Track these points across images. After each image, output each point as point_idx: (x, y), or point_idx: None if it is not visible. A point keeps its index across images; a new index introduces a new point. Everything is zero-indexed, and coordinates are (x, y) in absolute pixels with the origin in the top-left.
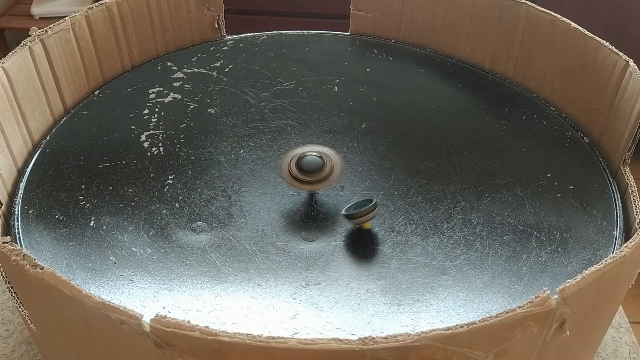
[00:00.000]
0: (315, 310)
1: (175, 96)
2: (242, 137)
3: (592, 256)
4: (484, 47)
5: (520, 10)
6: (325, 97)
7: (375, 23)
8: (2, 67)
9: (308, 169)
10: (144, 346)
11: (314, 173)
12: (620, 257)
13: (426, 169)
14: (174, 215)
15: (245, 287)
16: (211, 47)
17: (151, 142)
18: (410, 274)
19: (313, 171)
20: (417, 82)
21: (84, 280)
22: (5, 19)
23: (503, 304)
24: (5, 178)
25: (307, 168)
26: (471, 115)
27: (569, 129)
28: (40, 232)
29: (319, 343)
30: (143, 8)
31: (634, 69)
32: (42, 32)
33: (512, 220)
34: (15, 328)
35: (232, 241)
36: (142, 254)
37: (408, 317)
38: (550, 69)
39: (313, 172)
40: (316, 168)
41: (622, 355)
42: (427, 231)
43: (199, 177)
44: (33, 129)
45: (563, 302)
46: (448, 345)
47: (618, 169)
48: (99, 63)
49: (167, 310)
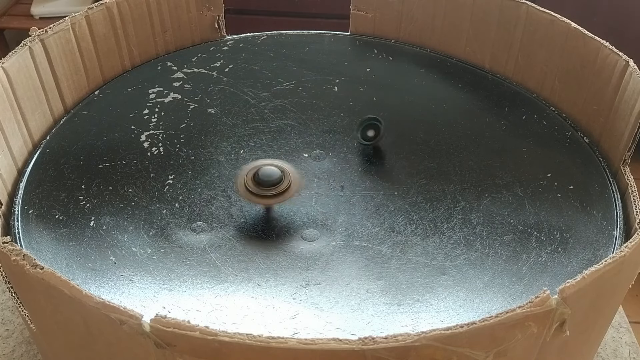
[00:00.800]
0: (315, 310)
1: (175, 96)
2: (242, 137)
3: (592, 256)
4: (484, 47)
5: (520, 10)
6: (325, 97)
7: (375, 23)
8: (2, 67)
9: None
10: (144, 346)
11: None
12: (620, 257)
13: (426, 169)
14: (174, 215)
15: (245, 287)
16: (211, 47)
17: (151, 142)
18: (410, 274)
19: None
20: (417, 82)
21: (84, 280)
22: (5, 19)
23: (503, 304)
24: (5, 178)
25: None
26: (471, 115)
27: (569, 129)
28: (40, 232)
29: (319, 343)
30: (143, 8)
31: (634, 69)
32: (42, 32)
33: (512, 220)
34: (15, 328)
35: (232, 241)
36: (142, 254)
37: (408, 317)
38: (550, 69)
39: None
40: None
41: (622, 355)
42: (427, 231)
43: (199, 177)
44: (33, 129)
45: (563, 302)
46: (448, 345)
47: (618, 169)
48: (99, 63)
49: (167, 310)
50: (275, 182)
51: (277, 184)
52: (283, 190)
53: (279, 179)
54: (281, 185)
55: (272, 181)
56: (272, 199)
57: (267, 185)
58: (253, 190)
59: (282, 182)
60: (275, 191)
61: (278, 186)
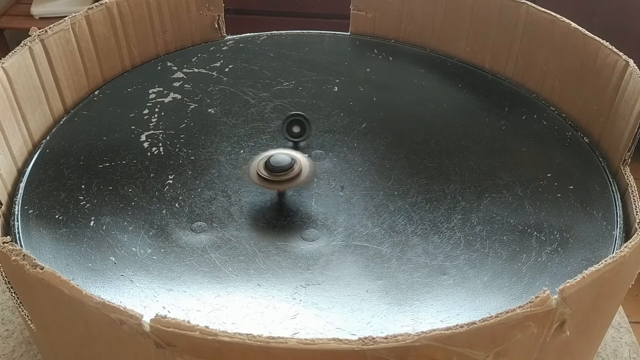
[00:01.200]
0: (315, 310)
1: (175, 96)
2: (242, 137)
3: (592, 256)
4: (484, 47)
5: (520, 10)
6: (325, 97)
7: (375, 23)
8: (2, 67)
9: (276, 168)
10: (144, 346)
11: (282, 172)
12: (620, 257)
13: (426, 169)
14: (174, 215)
15: (245, 287)
16: (211, 47)
17: (151, 142)
18: (410, 274)
19: (281, 170)
20: (417, 82)
21: (84, 280)
22: (5, 19)
23: (503, 304)
24: (5, 178)
25: (275, 168)
26: (471, 115)
27: (569, 129)
28: (40, 232)
29: (319, 343)
30: (143, 8)
31: (634, 69)
32: (42, 32)
33: (512, 220)
34: (15, 328)
35: (232, 241)
36: (142, 254)
37: (408, 317)
38: (550, 69)
39: (281, 171)
40: (284, 167)
41: (622, 355)
42: (427, 231)
43: (199, 177)
44: (33, 129)
45: (563, 302)
46: (448, 345)
47: (618, 169)
48: (99, 63)
49: (167, 310)
50: (287, 167)
51: (289, 169)
52: (294, 175)
53: (290, 164)
54: (292, 170)
55: (284, 167)
56: (284, 184)
57: (279, 171)
58: (266, 177)
59: (293, 168)
60: (287, 176)
61: (290, 171)
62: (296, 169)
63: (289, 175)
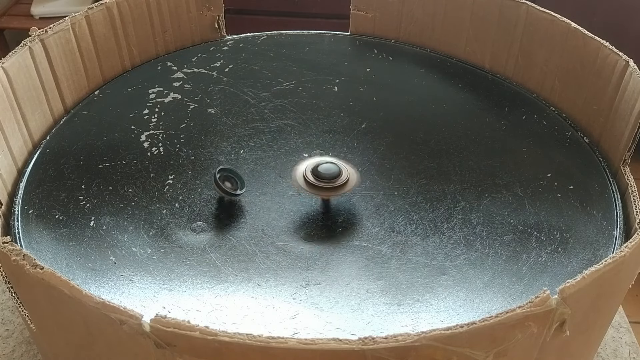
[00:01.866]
0: (315, 310)
1: (175, 96)
2: (242, 137)
3: (592, 256)
4: (484, 47)
5: (520, 10)
6: (325, 97)
7: (375, 23)
8: (2, 67)
9: (324, 176)
10: (144, 346)
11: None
12: (620, 257)
13: (426, 169)
14: (174, 215)
15: (245, 287)
16: (211, 47)
17: (151, 142)
18: (410, 274)
19: (329, 178)
20: (417, 82)
21: (84, 280)
22: (5, 19)
23: (503, 304)
24: (5, 178)
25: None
26: (471, 115)
27: (569, 129)
28: (40, 232)
29: (319, 343)
30: (143, 8)
31: (634, 69)
32: (42, 32)
33: (512, 220)
34: (15, 328)
35: (232, 241)
36: (142, 254)
37: (408, 317)
38: (550, 69)
39: (329, 179)
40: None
41: (622, 355)
42: (427, 231)
43: (199, 177)
44: (33, 129)
45: (563, 302)
46: (448, 345)
47: (618, 169)
48: (99, 63)
49: (167, 310)
50: (334, 176)
51: (335, 178)
52: (342, 184)
53: (337, 173)
54: (339, 179)
55: (331, 175)
56: (330, 191)
57: (326, 179)
58: (313, 183)
59: (340, 177)
60: (333, 184)
61: (336, 180)
62: (343, 177)
63: (335, 183)
